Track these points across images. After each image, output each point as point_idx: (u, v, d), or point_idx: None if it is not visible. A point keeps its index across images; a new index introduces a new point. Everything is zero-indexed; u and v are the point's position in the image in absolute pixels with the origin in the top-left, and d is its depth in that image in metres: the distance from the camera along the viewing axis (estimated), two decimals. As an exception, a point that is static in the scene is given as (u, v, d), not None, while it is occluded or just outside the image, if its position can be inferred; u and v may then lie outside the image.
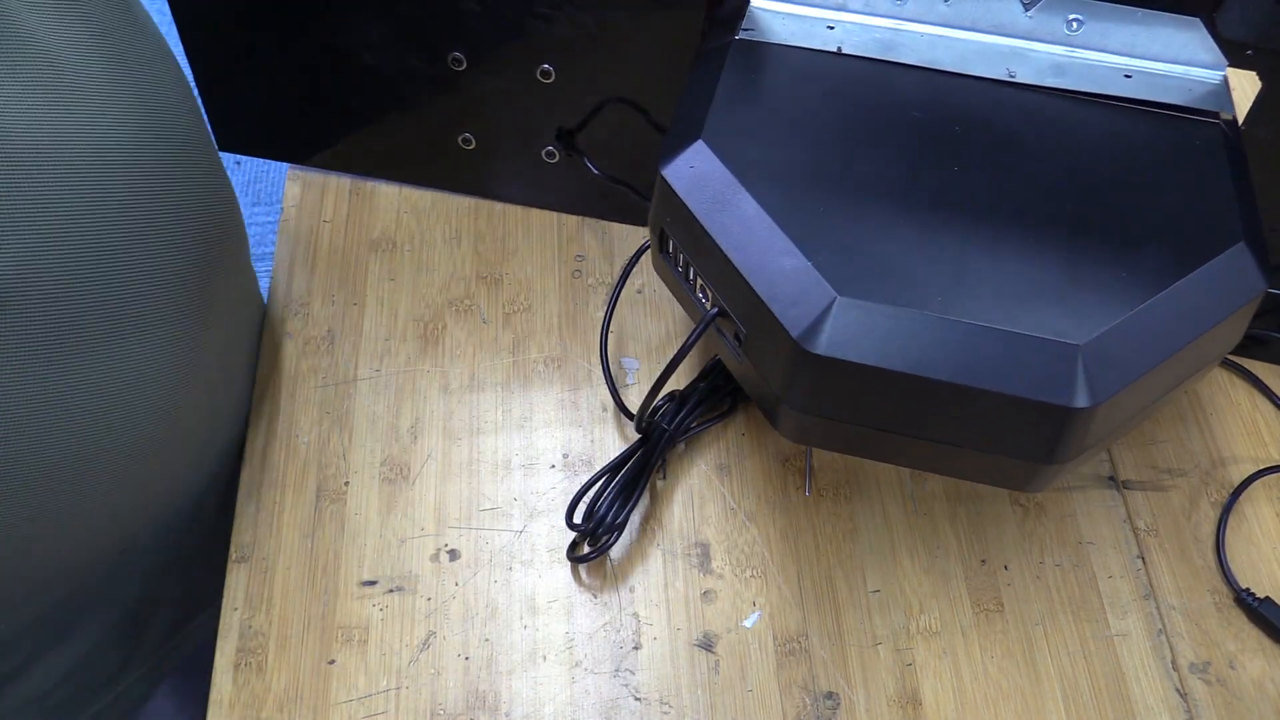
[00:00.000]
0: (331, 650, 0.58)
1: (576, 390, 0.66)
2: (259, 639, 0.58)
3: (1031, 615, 0.59)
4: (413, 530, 0.61)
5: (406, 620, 0.59)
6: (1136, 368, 0.44)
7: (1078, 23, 0.56)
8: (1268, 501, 0.63)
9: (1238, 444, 0.65)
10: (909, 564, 0.61)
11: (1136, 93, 0.55)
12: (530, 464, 0.64)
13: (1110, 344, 0.44)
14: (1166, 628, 0.59)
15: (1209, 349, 0.48)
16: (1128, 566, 0.61)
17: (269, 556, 0.60)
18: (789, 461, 0.64)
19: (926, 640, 0.59)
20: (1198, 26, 0.54)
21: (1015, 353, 0.43)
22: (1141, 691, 0.57)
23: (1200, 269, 0.46)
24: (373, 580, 0.60)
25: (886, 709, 0.57)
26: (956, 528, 0.62)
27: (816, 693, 0.57)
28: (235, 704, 0.56)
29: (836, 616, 0.59)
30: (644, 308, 0.70)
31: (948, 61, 0.56)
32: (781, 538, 0.61)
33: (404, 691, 0.57)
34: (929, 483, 0.63)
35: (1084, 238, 0.48)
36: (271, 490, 0.62)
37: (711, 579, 0.60)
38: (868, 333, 0.44)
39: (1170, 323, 0.45)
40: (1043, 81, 0.55)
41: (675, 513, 0.62)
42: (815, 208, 0.48)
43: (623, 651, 0.58)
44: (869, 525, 0.62)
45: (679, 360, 0.53)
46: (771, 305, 0.46)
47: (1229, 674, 0.58)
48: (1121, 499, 0.63)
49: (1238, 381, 0.67)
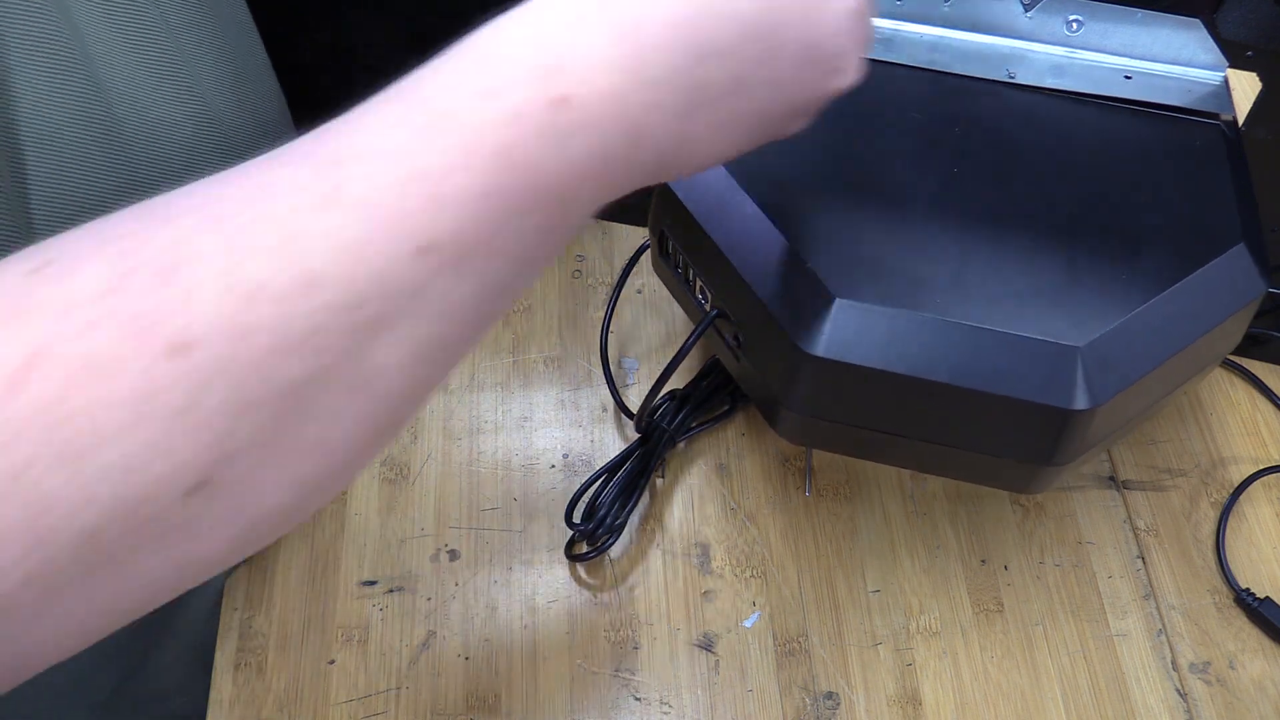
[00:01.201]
0: (331, 650, 0.58)
1: (576, 390, 0.66)
2: (259, 639, 0.58)
3: (1031, 615, 0.59)
4: (413, 530, 0.61)
5: (406, 620, 0.59)
6: (1136, 369, 0.44)
7: (1078, 23, 0.56)
8: (1268, 501, 0.63)
9: (1238, 444, 0.65)
10: (909, 564, 0.61)
11: (1136, 94, 0.55)
12: (530, 464, 0.64)
13: (1110, 346, 0.44)
14: (1166, 628, 0.59)
15: (1209, 350, 0.48)
16: (1128, 566, 0.61)
17: (269, 556, 0.60)
18: (789, 461, 0.64)
19: (926, 640, 0.59)
20: (1198, 27, 0.54)
21: (1015, 355, 0.43)
22: (1141, 691, 0.57)
23: (1200, 270, 0.46)
24: (373, 580, 0.60)
25: (886, 709, 0.57)
26: (956, 528, 0.62)
27: (816, 693, 0.57)
28: (235, 704, 0.56)
29: (836, 616, 0.59)
30: (644, 308, 0.70)
31: (948, 62, 0.56)
32: (781, 538, 0.61)
33: (404, 691, 0.57)
34: (929, 483, 0.63)
35: (1083, 239, 0.48)
36: (272, 490, 0.62)
37: (711, 579, 0.60)
38: (867, 334, 0.44)
39: (1170, 324, 0.45)
40: (1042, 82, 0.55)
41: (675, 513, 0.62)
42: (814, 209, 0.48)
43: (623, 651, 0.58)
44: (869, 525, 0.62)
45: (679, 360, 0.53)
46: (771, 307, 0.46)
47: (1229, 674, 0.58)
48: (1121, 499, 0.63)
49: (1238, 381, 0.67)
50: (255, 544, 0.32)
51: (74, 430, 0.27)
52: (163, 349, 0.28)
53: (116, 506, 0.28)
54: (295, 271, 0.29)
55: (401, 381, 0.32)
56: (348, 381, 0.31)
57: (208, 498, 0.29)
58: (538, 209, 0.33)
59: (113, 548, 0.28)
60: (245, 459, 0.29)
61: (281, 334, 0.29)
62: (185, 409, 0.28)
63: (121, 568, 0.29)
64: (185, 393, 0.28)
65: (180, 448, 0.28)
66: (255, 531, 0.31)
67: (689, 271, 0.52)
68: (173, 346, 0.28)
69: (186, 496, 0.29)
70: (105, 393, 0.27)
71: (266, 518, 0.31)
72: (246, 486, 0.30)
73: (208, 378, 0.28)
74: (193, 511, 0.29)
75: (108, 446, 0.27)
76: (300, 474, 0.31)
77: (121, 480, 0.28)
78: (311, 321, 0.29)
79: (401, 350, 0.32)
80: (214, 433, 0.28)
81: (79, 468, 0.27)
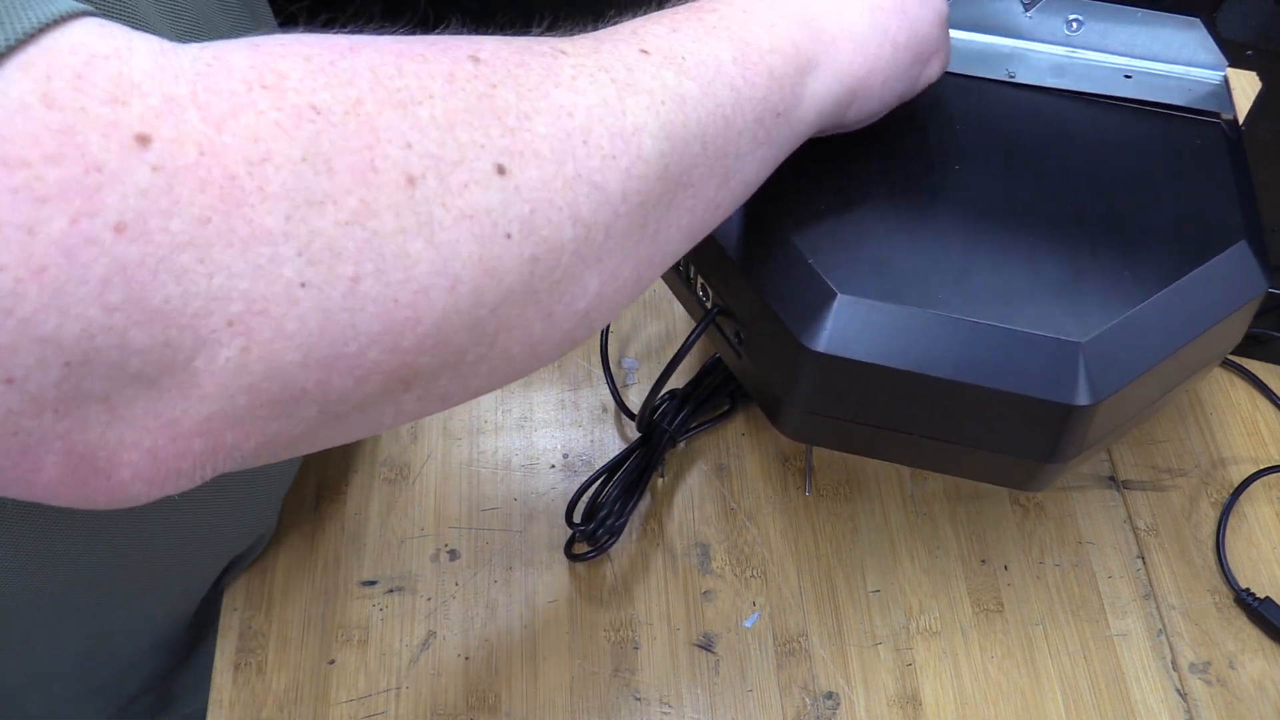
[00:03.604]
0: (331, 650, 0.58)
1: (576, 390, 0.66)
2: (259, 639, 0.58)
3: (1031, 615, 0.59)
4: (413, 530, 0.61)
5: (406, 620, 0.59)
6: (1138, 366, 0.44)
7: (1078, 23, 0.56)
8: (1268, 501, 0.63)
9: (1238, 444, 0.65)
10: (909, 564, 0.61)
11: (1137, 93, 0.55)
12: (530, 464, 0.64)
13: (1112, 342, 0.44)
14: (1166, 628, 0.59)
15: (1210, 348, 0.48)
16: (1128, 566, 0.61)
17: (269, 556, 0.60)
18: (789, 461, 0.64)
19: (926, 640, 0.59)
20: (1198, 27, 0.54)
21: (1017, 350, 0.43)
22: (1141, 691, 0.57)
23: (1201, 268, 0.46)
24: (373, 580, 0.60)
25: (886, 709, 0.57)
26: (956, 528, 0.62)
27: (816, 693, 0.57)
28: (235, 704, 0.56)
29: (836, 616, 0.59)
30: (644, 307, 0.70)
31: None
32: (781, 538, 0.61)
33: (404, 691, 0.57)
34: (929, 483, 0.63)
35: (1085, 236, 0.48)
36: (271, 490, 0.62)
37: (711, 579, 0.60)
38: (869, 330, 0.44)
39: (1171, 321, 0.45)
40: (1043, 82, 0.55)
41: (675, 513, 0.62)
42: (816, 206, 0.48)
43: (623, 651, 0.58)
44: (869, 525, 0.62)
45: (679, 360, 0.53)
46: (773, 304, 0.46)
47: (1229, 674, 0.58)
48: (1121, 499, 0.63)
49: (1238, 381, 0.68)
50: None
51: (399, 85, 0.30)
52: (464, 57, 0.33)
53: (429, 162, 0.30)
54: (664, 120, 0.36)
55: (678, 237, 0.38)
56: (653, 222, 0.36)
57: (504, 182, 0.32)
58: (777, 124, 0.41)
59: (428, 206, 0.30)
60: (527, 159, 0.32)
61: None
62: (484, 95, 0.32)
63: (430, 230, 0.30)
64: (484, 84, 0.32)
65: (480, 123, 0.32)
66: None
67: (689, 269, 0.52)
68: (470, 59, 0.33)
69: (491, 174, 0.31)
70: (423, 69, 0.31)
71: None
72: (529, 177, 0.33)
73: (499, 77, 0.33)
74: (496, 194, 0.31)
75: (425, 104, 0.31)
76: (580, 211, 0.34)
77: (437, 137, 0.31)
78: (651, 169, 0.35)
79: (693, 211, 0.38)
80: (512, 120, 0.32)
81: (404, 114, 0.30)
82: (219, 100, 0.27)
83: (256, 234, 0.27)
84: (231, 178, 0.26)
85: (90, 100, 0.25)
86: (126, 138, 0.25)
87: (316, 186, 0.28)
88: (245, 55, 0.28)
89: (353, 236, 0.28)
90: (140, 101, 0.26)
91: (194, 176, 0.26)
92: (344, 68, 0.29)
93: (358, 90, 0.29)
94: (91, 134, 0.25)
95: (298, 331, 0.28)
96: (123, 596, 0.53)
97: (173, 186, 0.26)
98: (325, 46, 0.30)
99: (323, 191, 0.28)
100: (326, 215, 0.28)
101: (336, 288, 0.28)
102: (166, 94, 0.26)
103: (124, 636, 0.56)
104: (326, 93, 0.29)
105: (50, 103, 0.25)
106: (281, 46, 0.29)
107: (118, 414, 0.27)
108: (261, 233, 0.27)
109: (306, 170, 0.28)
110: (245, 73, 0.28)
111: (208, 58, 0.28)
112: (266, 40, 0.30)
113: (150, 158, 0.25)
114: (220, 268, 0.26)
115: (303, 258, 0.27)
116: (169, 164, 0.26)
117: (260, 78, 0.28)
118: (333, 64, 0.29)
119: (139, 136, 0.25)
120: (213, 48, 0.29)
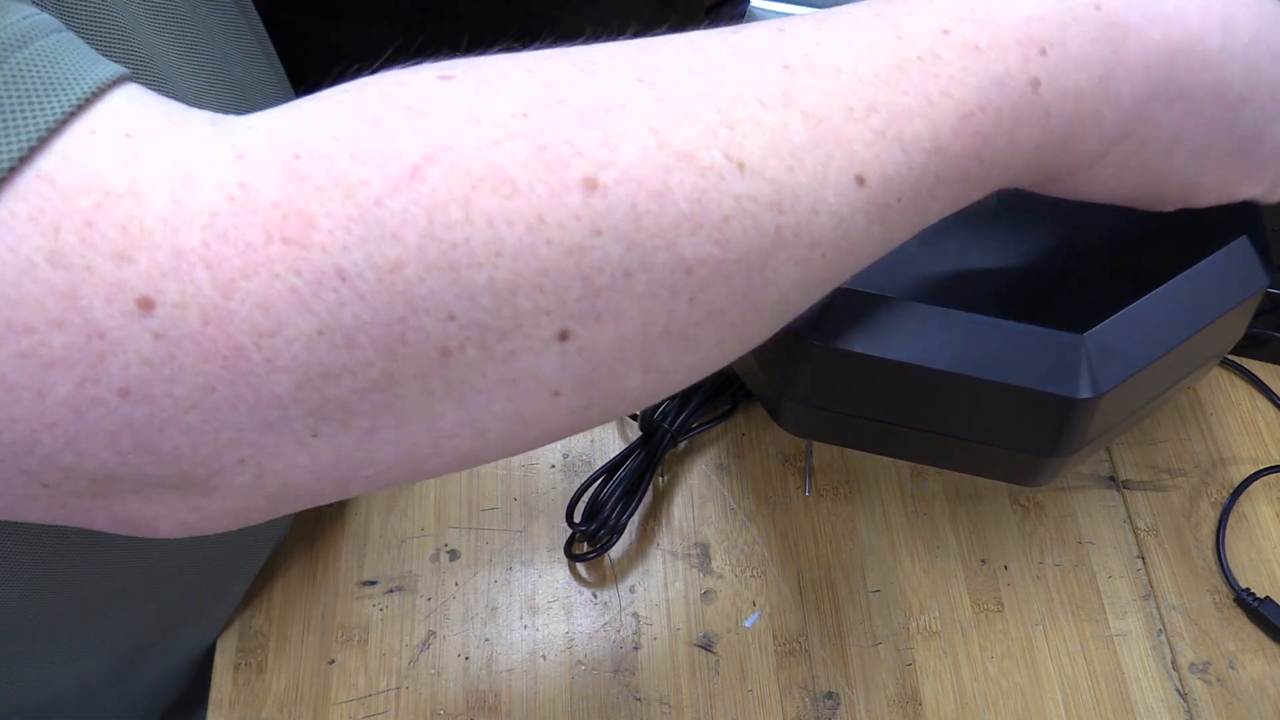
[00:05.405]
0: (331, 650, 0.58)
1: (576, 391, 0.66)
2: (259, 639, 0.58)
3: (1031, 615, 0.59)
4: (413, 530, 0.61)
5: (406, 620, 0.59)
6: (1140, 359, 0.44)
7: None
8: (1268, 501, 0.63)
9: (1238, 444, 0.65)
10: (909, 564, 0.61)
11: None
12: (530, 464, 0.64)
13: (1114, 335, 0.44)
14: (1166, 628, 0.59)
15: (1211, 343, 0.48)
16: (1128, 566, 0.61)
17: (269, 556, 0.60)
18: (789, 461, 0.64)
19: (926, 640, 0.58)
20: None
21: (1018, 343, 0.43)
22: (1141, 691, 0.57)
23: (1203, 262, 0.46)
24: (373, 580, 0.60)
25: (886, 709, 0.56)
26: (956, 528, 0.62)
27: (816, 693, 0.57)
28: (235, 704, 0.56)
29: (836, 616, 0.59)
30: (643, 309, 0.70)
31: None
32: (781, 538, 0.61)
33: (404, 691, 0.57)
34: (929, 482, 0.63)
35: (1087, 230, 0.48)
36: (270, 490, 0.62)
37: (711, 579, 0.60)
38: (870, 323, 0.44)
39: (1174, 315, 0.45)
40: None
41: (675, 512, 0.62)
42: None
43: (623, 651, 0.58)
44: (869, 525, 0.62)
45: (680, 357, 0.53)
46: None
47: (1229, 674, 0.58)
48: (1121, 499, 0.63)
49: (1238, 381, 0.68)
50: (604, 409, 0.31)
51: (459, 238, 0.25)
52: (574, 182, 0.26)
53: (472, 332, 0.26)
54: (727, 153, 0.28)
55: (777, 299, 0.31)
56: (739, 285, 0.29)
57: (563, 347, 0.28)
58: (960, 181, 0.32)
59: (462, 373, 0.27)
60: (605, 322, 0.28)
61: (695, 207, 0.27)
62: (576, 249, 0.26)
63: (461, 393, 0.28)
64: (582, 232, 0.26)
65: (554, 286, 0.26)
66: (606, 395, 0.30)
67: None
68: (585, 182, 0.26)
69: (550, 341, 0.27)
70: (501, 209, 0.26)
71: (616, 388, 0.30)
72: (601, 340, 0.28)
73: (609, 223, 0.27)
74: (551, 359, 0.28)
75: (486, 266, 0.26)
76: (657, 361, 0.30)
77: (490, 307, 0.26)
78: (727, 206, 0.28)
79: (795, 271, 0.30)
80: (605, 280, 0.27)
81: (454, 279, 0.26)
82: (232, 256, 0.25)
83: (263, 400, 0.26)
84: (237, 349, 0.25)
85: (97, 257, 0.24)
86: (129, 303, 0.24)
87: (333, 360, 0.26)
88: (278, 176, 0.26)
89: (370, 400, 0.27)
90: (147, 257, 0.25)
91: (197, 346, 0.25)
92: (393, 209, 0.25)
93: (400, 249, 0.25)
94: (95, 298, 0.24)
95: (310, 464, 0.28)
96: (158, 610, 0.54)
97: (175, 355, 0.25)
98: (384, 158, 0.26)
99: (340, 364, 0.26)
100: (343, 385, 0.26)
101: (351, 435, 0.28)
102: (176, 247, 0.25)
103: (157, 651, 0.57)
104: (359, 252, 0.25)
105: (56, 262, 0.24)
106: (327, 161, 0.26)
107: (149, 503, 0.28)
108: (269, 399, 0.26)
109: (322, 344, 0.26)
110: (269, 213, 0.25)
111: (235, 180, 0.25)
112: (311, 136, 0.26)
113: (153, 325, 0.25)
114: (227, 425, 0.26)
115: (314, 416, 0.27)
116: (172, 332, 0.25)
117: (284, 224, 0.25)
118: (379, 203, 0.25)
119: (142, 301, 0.25)
120: (249, 149, 0.26)
